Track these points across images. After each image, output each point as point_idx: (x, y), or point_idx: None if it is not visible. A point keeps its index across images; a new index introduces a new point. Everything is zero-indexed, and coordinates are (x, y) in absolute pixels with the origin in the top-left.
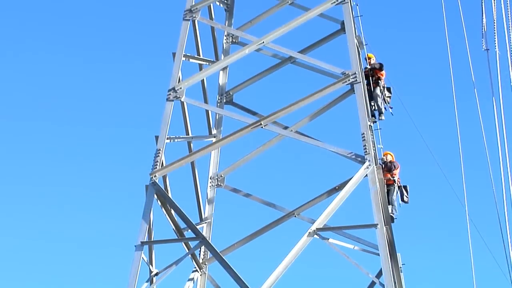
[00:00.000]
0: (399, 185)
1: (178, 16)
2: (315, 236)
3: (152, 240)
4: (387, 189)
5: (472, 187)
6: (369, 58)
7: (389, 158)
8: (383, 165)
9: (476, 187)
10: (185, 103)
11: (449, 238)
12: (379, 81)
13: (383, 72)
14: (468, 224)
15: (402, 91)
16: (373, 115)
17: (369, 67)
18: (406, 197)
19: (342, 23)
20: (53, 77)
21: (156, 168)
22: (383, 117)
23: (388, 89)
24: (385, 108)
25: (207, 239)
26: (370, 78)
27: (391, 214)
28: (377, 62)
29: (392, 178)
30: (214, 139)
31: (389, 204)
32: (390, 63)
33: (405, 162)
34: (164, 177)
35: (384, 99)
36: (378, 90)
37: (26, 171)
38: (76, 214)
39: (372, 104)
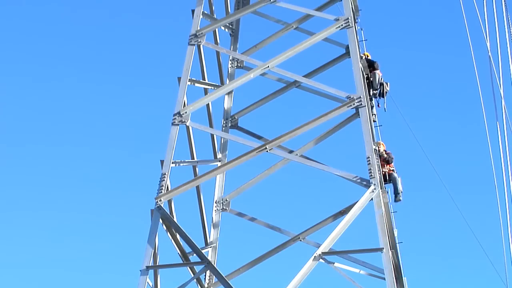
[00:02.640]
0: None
1: (184, 41)
2: (321, 260)
3: (157, 264)
4: (388, 176)
5: (480, 207)
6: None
7: (382, 148)
8: (380, 158)
9: (483, 207)
10: (190, 128)
11: (455, 261)
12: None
13: (379, 71)
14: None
15: (408, 113)
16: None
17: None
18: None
19: (347, 47)
20: (58, 100)
21: (162, 192)
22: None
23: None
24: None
25: (213, 263)
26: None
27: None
28: (373, 61)
29: (391, 169)
30: (219, 163)
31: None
32: (395, 85)
33: (412, 183)
34: (169, 202)
35: (381, 93)
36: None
37: (31, 195)
38: (81, 239)
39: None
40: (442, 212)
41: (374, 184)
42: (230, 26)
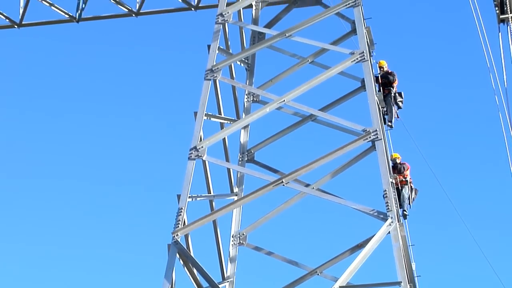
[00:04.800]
0: (411, 186)
1: (200, 76)
2: None
3: None
4: (400, 187)
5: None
6: (381, 67)
7: (398, 160)
8: (393, 167)
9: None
10: (206, 162)
11: None
12: (391, 88)
13: (396, 80)
14: None
15: (425, 148)
16: (385, 120)
17: (380, 73)
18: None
19: (363, 81)
20: (72, 135)
21: (178, 227)
22: (392, 125)
23: (400, 94)
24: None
25: None
26: (381, 85)
27: (405, 212)
28: (390, 71)
29: (404, 179)
30: (235, 197)
31: (399, 201)
32: (411, 117)
33: (429, 216)
34: (186, 236)
35: (396, 103)
36: (389, 97)
37: (45, 229)
38: (98, 274)
39: (385, 108)
40: (460, 246)
41: (391, 218)
42: (246, 60)
